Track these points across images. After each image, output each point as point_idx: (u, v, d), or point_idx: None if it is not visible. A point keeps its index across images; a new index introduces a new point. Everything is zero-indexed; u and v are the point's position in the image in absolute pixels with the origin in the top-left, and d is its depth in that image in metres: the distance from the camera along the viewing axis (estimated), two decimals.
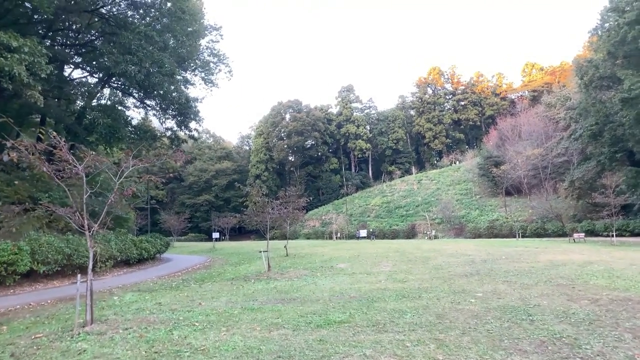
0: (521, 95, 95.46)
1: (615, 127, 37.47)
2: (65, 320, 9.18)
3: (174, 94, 22.13)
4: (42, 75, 14.18)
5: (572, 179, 43.79)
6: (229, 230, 61.39)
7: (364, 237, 58.31)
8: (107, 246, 20.96)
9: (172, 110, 25.01)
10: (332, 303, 9.61)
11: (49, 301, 12.67)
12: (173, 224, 56.19)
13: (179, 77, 22.52)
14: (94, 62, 22.07)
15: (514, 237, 45.26)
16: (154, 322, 8.01)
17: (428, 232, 54.35)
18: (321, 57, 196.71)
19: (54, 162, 8.04)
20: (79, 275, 8.18)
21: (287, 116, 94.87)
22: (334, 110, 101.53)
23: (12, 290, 14.81)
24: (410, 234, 58.01)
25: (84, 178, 8.04)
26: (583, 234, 36.07)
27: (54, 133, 8.05)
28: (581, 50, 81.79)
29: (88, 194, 8.19)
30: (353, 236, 60.48)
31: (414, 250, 27.57)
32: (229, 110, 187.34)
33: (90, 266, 7.96)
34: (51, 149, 8.02)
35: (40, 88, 14.78)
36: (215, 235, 54.78)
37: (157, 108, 24.48)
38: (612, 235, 31.66)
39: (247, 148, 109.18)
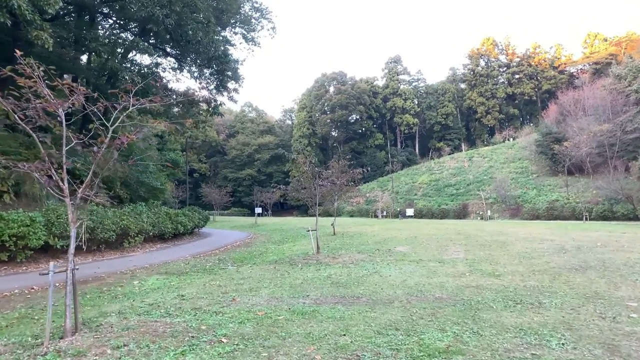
0: (581, 69, 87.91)
1: None
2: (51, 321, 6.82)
3: (210, 47, 19.51)
4: (50, 10, 11.86)
5: None
6: (271, 205, 59.52)
7: (410, 216, 55.17)
8: (137, 219, 18.93)
9: (209, 68, 22.51)
10: (415, 308, 6.82)
11: (57, 284, 10.53)
12: (215, 198, 54.78)
13: (216, 28, 19.84)
14: (124, 12, 19.75)
15: (577, 219, 41.07)
16: (162, 335, 5.45)
17: (482, 213, 50.43)
18: (367, 27, 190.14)
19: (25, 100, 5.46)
20: (51, 264, 5.62)
21: (331, 89, 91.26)
22: (380, 82, 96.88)
23: (24, 268, 12.86)
24: (462, 214, 54.22)
25: (64, 122, 5.42)
26: None
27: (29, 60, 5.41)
28: None
29: (73, 144, 5.58)
30: (398, 215, 57.31)
31: (477, 232, 24.38)
32: (272, 84, 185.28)
33: (71, 250, 5.40)
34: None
35: (50, 29, 12.54)
36: (258, 210, 52.99)
37: (194, 66, 21.99)
38: None
39: (290, 122, 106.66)
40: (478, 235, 22.17)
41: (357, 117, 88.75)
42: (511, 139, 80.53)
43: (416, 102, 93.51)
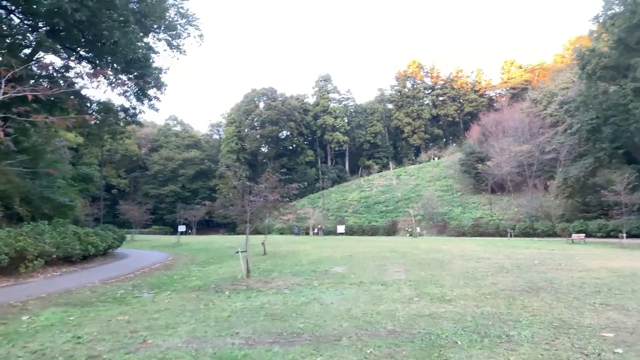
0: (500, 93, 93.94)
1: (618, 121, 34.92)
2: None
3: (128, 50, 17.48)
4: None
5: (566, 177, 41.28)
6: (196, 223, 56.61)
7: (341, 233, 54.84)
8: (37, 240, 16.39)
9: (127, 73, 20.35)
10: (369, 347, 5.70)
11: None
12: (134, 215, 50.87)
13: (135, 29, 17.86)
14: (29, 5, 17.21)
15: (501, 236, 42.82)
16: None
17: (411, 229, 51.16)
18: (298, 45, 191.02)
19: None
20: None
21: (261, 104, 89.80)
22: (311, 100, 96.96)
23: None
24: (391, 230, 54.76)
25: None
26: (583, 235, 33.52)
27: None
28: (560, 50, 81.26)
29: None
30: (330, 232, 56.77)
31: (411, 250, 24.10)
32: (199, 98, 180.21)
33: None
34: None
35: None
36: (181, 228, 49.97)
37: (109, 70, 19.71)
38: (622, 237, 28.92)
39: (218, 137, 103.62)
40: (413, 253, 21.80)
41: (288, 133, 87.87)
42: (436, 158, 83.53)
43: (346, 121, 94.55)
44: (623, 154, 37.12)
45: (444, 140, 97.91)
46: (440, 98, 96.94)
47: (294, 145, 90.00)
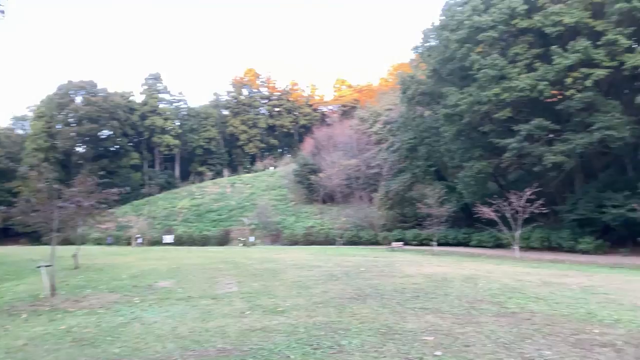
0: (332, 109, 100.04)
1: (431, 142, 39.44)
2: None
3: None
4: None
5: (388, 190, 45.18)
6: None
7: (169, 244, 51.07)
8: None
9: None
10: None
11: None
12: None
13: None
14: None
15: (330, 244, 44.78)
16: None
17: (245, 239, 50.24)
18: (125, 39, 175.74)
19: None
20: None
21: (79, 99, 79.28)
22: (138, 99, 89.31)
23: None
24: (224, 240, 53.01)
25: None
26: (402, 243, 36.83)
27: None
28: (385, 75, 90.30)
29: None
30: (156, 242, 52.44)
31: (244, 260, 23.07)
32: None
33: None
34: None
35: None
36: None
37: None
38: (433, 245, 32.45)
39: (22, 132, 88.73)
40: (246, 263, 20.88)
41: (110, 132, 79.35)
42: (272, 168, 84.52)
43: (178, 123, 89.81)
44: (435, 171, 42.10)
45: (280, 150, 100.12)
46: (277, 109, 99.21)
47: (117, 147, 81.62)
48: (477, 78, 29.82)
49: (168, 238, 52.02)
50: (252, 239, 49.50)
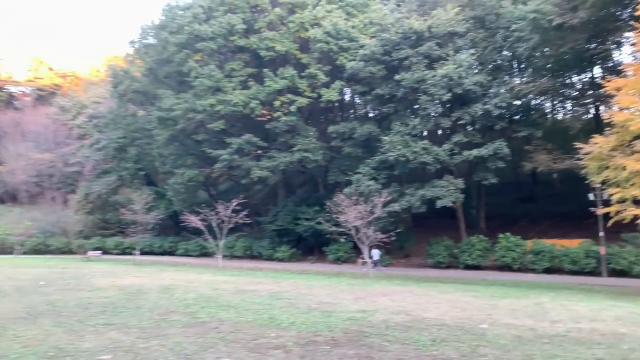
0: (24, 92, 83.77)
1: (143, 145, 37.26)
2: None
3: None
4: None
5: (88, 192, 40.54)
6: None
7: None
8: None
9: None
10: None
11: None
12: None
13: None
14: None
15: (8, 253, 37.41)
16: None
17: None
18: None
19: None
20: None
21: None
22: None
23: None
24: None
25: None
26: (100, 252, 33.51)
27: None
28: (97, 64, 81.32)
29: None
30: None
31: None
32: None
33: None
34: None
35: None
36: None
37: None
38: (136, 254, 30.46)
39: None
40: None
41: None
42: None
43: None
44: (144, 175, 39.93)
45: None
46: None
47: None
48: (194, 86, 29.78)
49: None
50: None
